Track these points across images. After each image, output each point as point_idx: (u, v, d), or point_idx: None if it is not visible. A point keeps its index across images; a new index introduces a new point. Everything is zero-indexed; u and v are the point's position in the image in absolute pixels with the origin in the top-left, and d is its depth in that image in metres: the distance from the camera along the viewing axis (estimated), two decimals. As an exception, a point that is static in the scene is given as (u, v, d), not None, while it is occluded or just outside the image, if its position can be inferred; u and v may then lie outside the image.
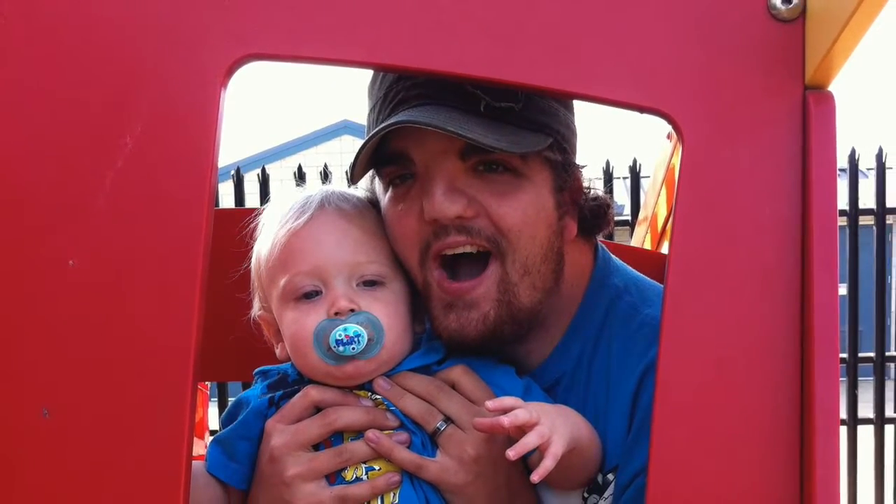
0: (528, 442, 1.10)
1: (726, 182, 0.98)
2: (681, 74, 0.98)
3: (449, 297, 1.25)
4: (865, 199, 4.53)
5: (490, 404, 1.13)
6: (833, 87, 0.98)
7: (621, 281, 1.37)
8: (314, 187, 1.34)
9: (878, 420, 4.56)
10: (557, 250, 1.29)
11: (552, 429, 1.11)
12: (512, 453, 1.09)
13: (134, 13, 0.98)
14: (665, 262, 0.99)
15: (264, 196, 4.05)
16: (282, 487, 1.22)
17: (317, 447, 1.25)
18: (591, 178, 1.40)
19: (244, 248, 1.35)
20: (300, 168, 4.18)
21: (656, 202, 2.45)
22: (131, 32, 0.97)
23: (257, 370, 1.37)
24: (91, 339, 0.96)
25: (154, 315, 0.96)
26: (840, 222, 1.16)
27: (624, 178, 4.59)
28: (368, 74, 1.32)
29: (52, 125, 0.97)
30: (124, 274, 0.96)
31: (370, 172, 1.33)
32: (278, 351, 1.35)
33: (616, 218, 1.49)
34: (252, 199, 4.32)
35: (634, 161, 4.41)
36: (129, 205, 0.96)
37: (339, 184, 1.40)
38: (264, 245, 1.30)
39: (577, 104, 1.33)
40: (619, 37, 0.99)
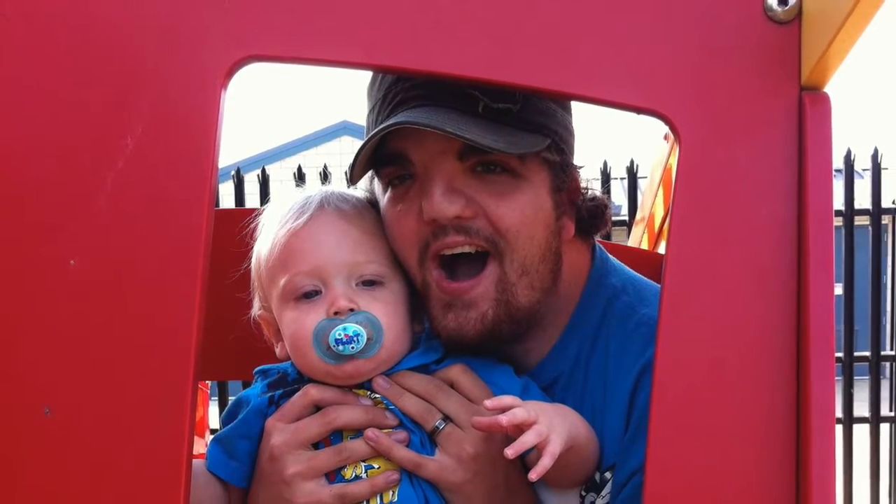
0: (527, 440, 1.10)
1: (723, 182, 0.98)
2: (678, 76, 0.99)
3: (447, 297, 1.25)
4: (861, 200, 4.54)
5: (488, 403, 1.13)
6: (829, 89, 0.98)
7: (619, 281, 1.37)
8: (314, 188, 1.34)
9: (874, 419, 4.56)
10: (555, 250, 1.29)
11: (550, 427, 1.12)
12: (510, 452, 1.09)
13: (134, 14, 0.98)
14: (662, 262, 0.99)
15: (264, 196, 4.04)
16: (281, 486, 1.22)
17: (316, 446, 1.25)
18: (589, 179, 1.41)
19: (244, 248, 1.35)
20: (300, 169, 4.18)
21: (653, 202, 2.45)
22: (132, 33, 0.98)
23: (257, 369, 1.37)
24: (92, 339, 0.96)
25: (155, 314, 0.96)
26: (836, 222, 1.16)
27: (621, 179, 4.60)
28: (368, 76, 1.33)
29: (53, 125, 0.97)
30: (125, 274, 0.97)
31: (369, 173, 1.33)
32: (278, 350, 1.35)
33: (613, 218, 1.50)
34: (252, 200, 4.32)
35: (632, 162, 4.42)
36: (130, 205, 0.96)
37: (339, 184, 1.41)
38: (264, 245, 1.30)
39: (575, 105, 1.33)
40: (617, 38, 0.99)
